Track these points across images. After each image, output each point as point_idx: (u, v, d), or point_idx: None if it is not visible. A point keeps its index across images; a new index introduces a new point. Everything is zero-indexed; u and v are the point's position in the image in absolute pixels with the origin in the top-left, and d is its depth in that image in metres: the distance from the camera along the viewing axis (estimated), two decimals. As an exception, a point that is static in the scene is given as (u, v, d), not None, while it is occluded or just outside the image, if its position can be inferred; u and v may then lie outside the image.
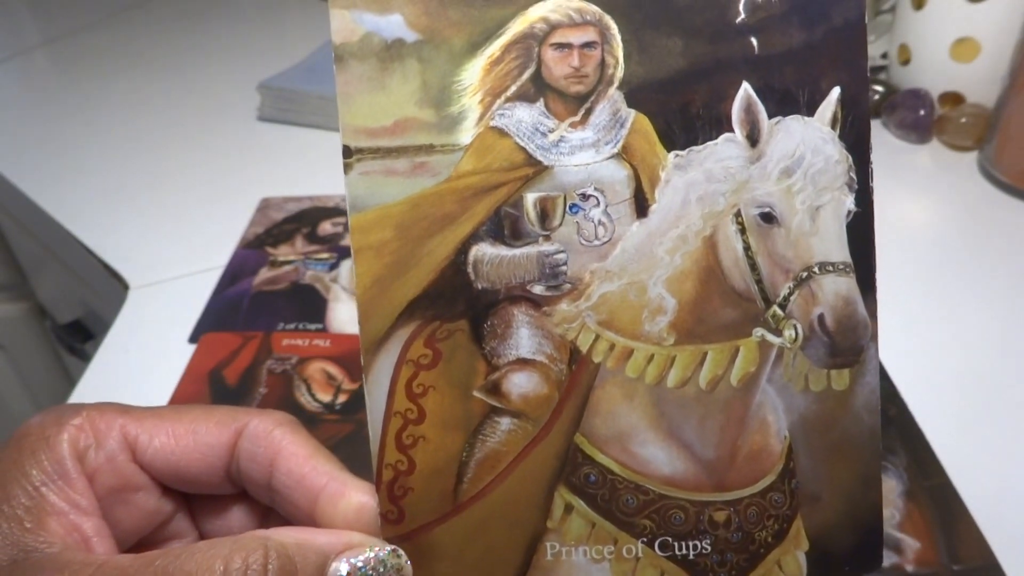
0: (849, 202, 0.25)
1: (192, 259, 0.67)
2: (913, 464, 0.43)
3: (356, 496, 0.24)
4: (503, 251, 0.25)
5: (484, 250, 0.25)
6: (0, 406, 1.05)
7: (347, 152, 0.24)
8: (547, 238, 0.25)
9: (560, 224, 0.25)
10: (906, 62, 0.76)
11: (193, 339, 0.57)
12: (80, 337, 0.91)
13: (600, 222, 0.25)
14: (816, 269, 0.25)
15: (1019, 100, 0.64)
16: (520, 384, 0.25)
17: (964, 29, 0.70)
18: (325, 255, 0.66)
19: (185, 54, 1.09)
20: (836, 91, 0.25)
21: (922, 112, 0.73)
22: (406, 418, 0.25)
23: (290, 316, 0.59)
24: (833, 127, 0.25)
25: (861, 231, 0.25)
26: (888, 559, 0.39)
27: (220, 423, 0.25)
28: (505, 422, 0.25)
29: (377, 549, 0.23)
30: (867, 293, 0.25)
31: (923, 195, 0.69)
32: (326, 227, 0.70)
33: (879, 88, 0.78)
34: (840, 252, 0.25)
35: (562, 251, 0.25)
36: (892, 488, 0.42)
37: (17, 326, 1.02)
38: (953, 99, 0.74)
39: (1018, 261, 0.59)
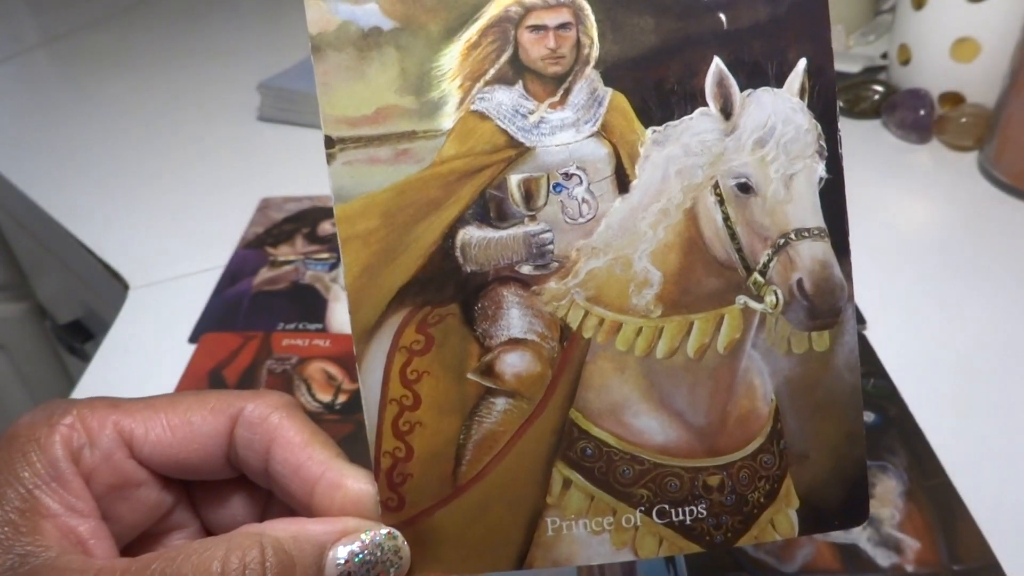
0: (820, 169, 0.26)
1: (192, 259, 0.66)
2: (913, 464, 0.43)
3: (354, 485, 0.24)
4: (490, 233, 0.25)
5: (471, 233, 0.25)
6: (0, 406, 1.05)
7: (329, 142, 0.24)
8: (532, 218, 0.25)
9: (545, 204, 0.25)
10: (906, 62, 0.76)
11: (193, 339, 0.57)
12: (80, 337, 0.91)
13: (583, 200, 0.25)
14: (792, 235, 0.26)
15: (1019, 100, 0.64)
16: (513, 364, 0.25)
17: (964, 29, 0.70)
18: (325, 255, 0.66)
19: (185, 54, 1.09)
20: (803, 62, 0.25)
21: (922, 112, 0.73)
22: (402, 405, 0.25)
23: (290, 316, 0.59)
24: (802, 97, 0.25)
25: (833, 196, 0.26)
26: (888, 559, 0.39)
27: (215, 410, 0.25)
28: (500, 402, 0.25)
29: (372, 533, 0.23)
30: (842, 256, 0.26)
31: (923, 195, 0.69)
32: (326, 227, 0.70)
33: (879, 88, 0.78)
34: (814, 218, 0.26)
35: (548, 230, 0.25)
36: (892, 488, 0.42)
37: (17, 326, 1.02)
38: (953, 99, 0.74)
39: (1018, 261, 0.59)
